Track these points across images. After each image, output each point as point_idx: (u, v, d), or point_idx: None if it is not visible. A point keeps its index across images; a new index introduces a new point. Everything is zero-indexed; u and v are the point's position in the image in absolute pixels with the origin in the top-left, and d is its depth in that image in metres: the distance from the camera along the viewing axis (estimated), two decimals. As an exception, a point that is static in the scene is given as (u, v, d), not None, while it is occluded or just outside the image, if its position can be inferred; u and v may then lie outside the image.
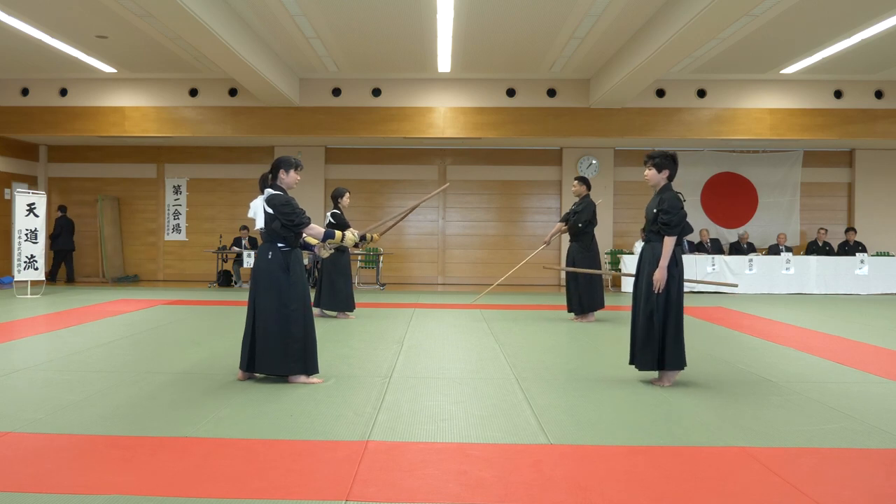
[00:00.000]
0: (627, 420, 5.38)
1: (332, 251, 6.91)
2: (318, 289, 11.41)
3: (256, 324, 6.48)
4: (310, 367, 6.55)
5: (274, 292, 6.46)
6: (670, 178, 6.72)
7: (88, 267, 19.89)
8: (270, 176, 6.70)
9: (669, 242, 6.46)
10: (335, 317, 11.40)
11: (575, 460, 4.41)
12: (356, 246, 7.58)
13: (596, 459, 4.42)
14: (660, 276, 6.43)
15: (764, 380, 6.87)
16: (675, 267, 6.56)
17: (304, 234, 6.74)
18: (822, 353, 8.42)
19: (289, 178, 6.67)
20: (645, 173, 6.82)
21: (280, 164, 6.67)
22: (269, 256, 6.52)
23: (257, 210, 6.60)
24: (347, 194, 11.56)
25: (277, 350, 6.42)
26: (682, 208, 6.53)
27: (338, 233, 6.88)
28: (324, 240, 6.82)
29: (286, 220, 6.45)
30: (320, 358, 6.77)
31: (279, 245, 6.54)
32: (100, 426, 5.05)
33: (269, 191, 6.59)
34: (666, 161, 6.69)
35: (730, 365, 7.68)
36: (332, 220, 11.21)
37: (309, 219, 6.60)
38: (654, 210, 6.59)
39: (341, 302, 11.39)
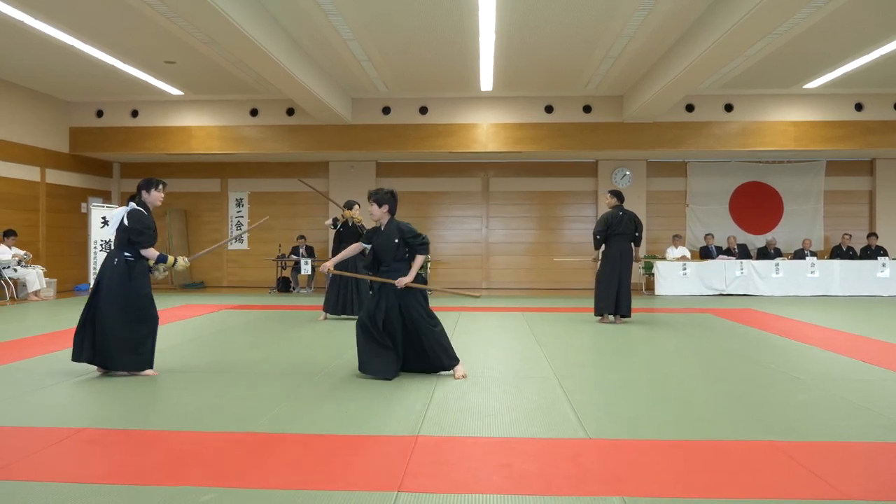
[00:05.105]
0: (661, 415, 5.33)
1: (166, 273, 7.17)
2: (342, 296, 11.48)
3: (96, 323, 6.68)
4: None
5: (119, 295, 6.72)
6: (391, 211, 6.86)
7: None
8: (136, 193, 7.01)
9: (420, 260, 6.73)
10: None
11: (612, 454, 4.38)
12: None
13: (632, 453, 4.39)
14: (406, 282, 6.64)
15: (791, 377, 6.77)
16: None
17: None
18: (847, 352, 8.27)
19: (151, 196, 6.98)
20: (370, 209, 6.93)
21: (141, 185, 6.98)
22: (115, 263, 6.77)
23: (116, 217, 6.84)
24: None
25: (125, 348, 6.66)
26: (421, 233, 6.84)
27: (170, 257, 7.00)
28: (157, 262, 6.96)
29: (134, 236, 6.74)
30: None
31: (126, 254, 6.79)
32: (170, 422, 5.12)
33: (132, 204, 6.87)
34: (385, 197, 6.84)
35: (758, 364, 7.59)
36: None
37: (152, 242, 6.84)
38: (396, 241, 6.74)
39: None
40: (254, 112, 17.73)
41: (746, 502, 3.61)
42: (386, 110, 17.55)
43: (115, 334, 6.61)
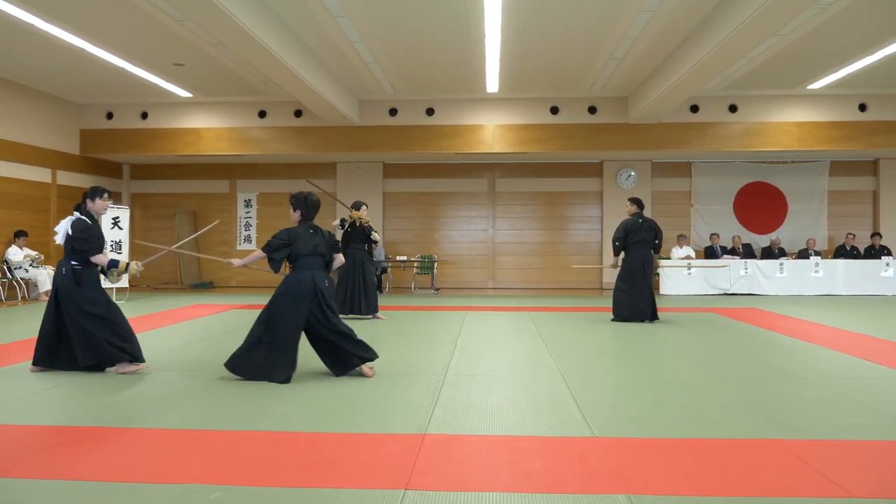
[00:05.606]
0: (666, 414, 5.32)
1: (120, 278, 7.30)
2: (350, 296, 11.54)
3: (62, 325, 6.86)
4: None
5: (73, 301, 6.81)
6: (304, 216, 6.89)
7: (168, 275, 20.21)
8: (82, 203, 7.10)
9: (256, 252, 6.83)
10: (370, 319, 11.60)
11: (618, 452, 4.37)
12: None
13: (638, 451, 4.38)
14: (236, 263, 6.94)
15: (796, 376, 6.75)
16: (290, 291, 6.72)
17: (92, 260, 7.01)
18: (851, 351, 8.25)
19: (95, 205, 7.10)
20: (290, 211, 7.01)
21: (87, 194, 7.09)
22: (63, 272, 6.87)
23: (62, 228, 6.94)
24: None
25: (89, 346, 6.78)
26: (280, 237, 6.71)
27: (122, 262, 7.11)
28: (108, 268, 7.05)
29: (78, 245, 6.83)
30: (383, 357, 6.82)
31: (73, 263, 6.88)
32: (178, 421, 5.13)
33: (76, 214, 6.97)
34: (298, 202, 6.92)
35: (764, 363, 7.57)
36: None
37: (98, 249, 6.93)
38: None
39: (375, 306, 11.67)
40: (262, 114, 17.74)
41: (752, 500, 3.60)
42: (393, 112, 17.55)
43: (83, 336, 6.77)
